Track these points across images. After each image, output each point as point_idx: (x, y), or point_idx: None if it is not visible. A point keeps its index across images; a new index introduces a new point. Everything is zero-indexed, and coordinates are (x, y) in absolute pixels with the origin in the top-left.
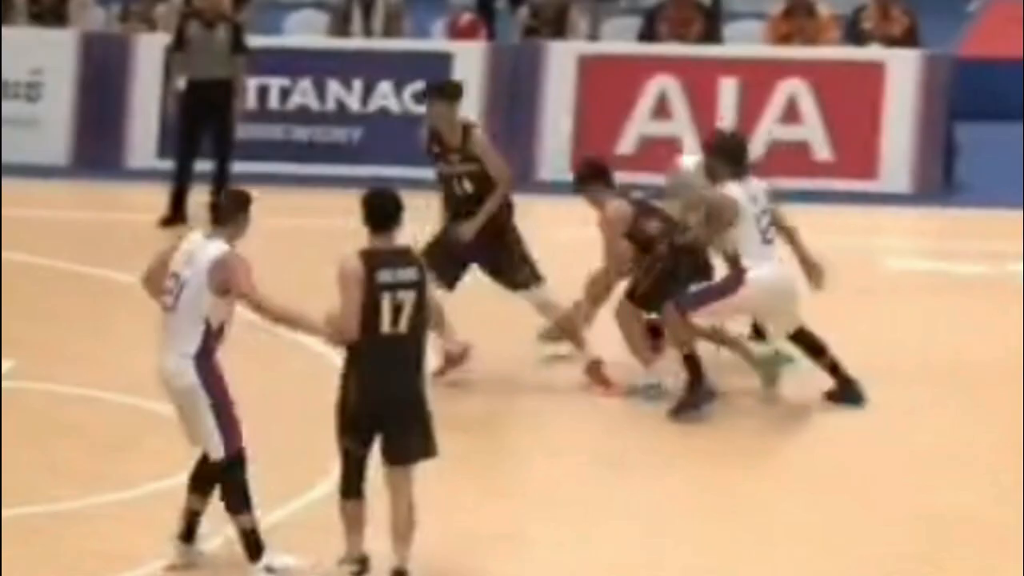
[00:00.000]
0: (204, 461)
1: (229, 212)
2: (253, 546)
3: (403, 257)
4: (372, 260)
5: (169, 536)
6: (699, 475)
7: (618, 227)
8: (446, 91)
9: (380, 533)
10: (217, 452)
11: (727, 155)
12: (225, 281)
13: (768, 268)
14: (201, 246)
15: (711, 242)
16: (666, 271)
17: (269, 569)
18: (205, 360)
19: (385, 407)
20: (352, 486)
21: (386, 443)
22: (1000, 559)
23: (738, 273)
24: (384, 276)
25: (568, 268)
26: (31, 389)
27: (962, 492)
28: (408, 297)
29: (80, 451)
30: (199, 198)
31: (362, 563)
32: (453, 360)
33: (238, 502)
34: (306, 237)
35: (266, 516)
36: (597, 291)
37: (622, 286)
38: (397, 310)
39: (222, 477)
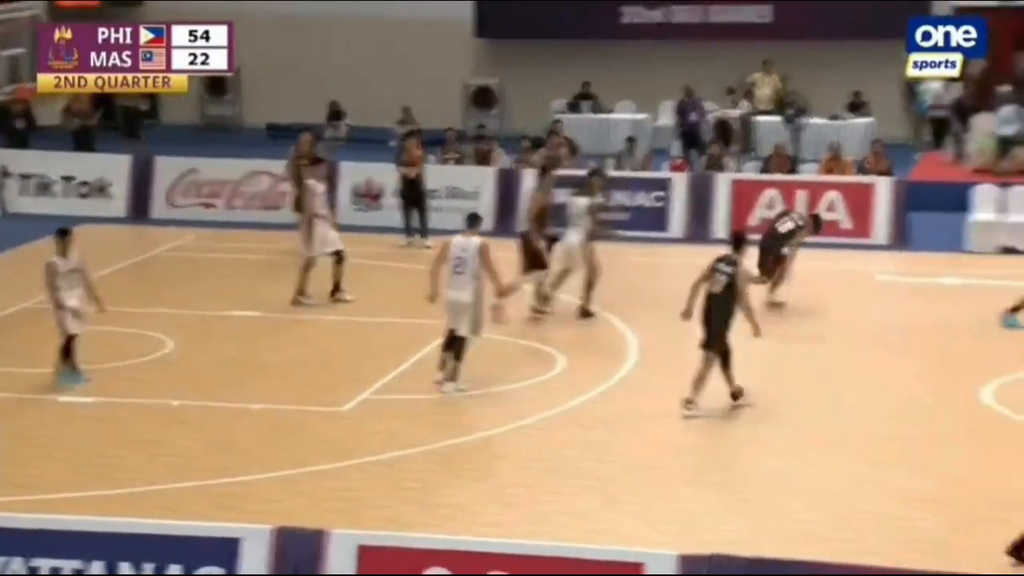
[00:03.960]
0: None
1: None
2: None
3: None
4: (712, 262)
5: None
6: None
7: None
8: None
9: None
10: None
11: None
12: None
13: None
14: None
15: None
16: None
17: None
18: None
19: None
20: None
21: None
22: (936, 412)
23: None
24: (717, 266)
25: None
26: None
27: (916, 381)
28: (722, 277)
29: None
30: None
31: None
32: None
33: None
34: None
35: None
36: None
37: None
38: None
39: (462, 346)
